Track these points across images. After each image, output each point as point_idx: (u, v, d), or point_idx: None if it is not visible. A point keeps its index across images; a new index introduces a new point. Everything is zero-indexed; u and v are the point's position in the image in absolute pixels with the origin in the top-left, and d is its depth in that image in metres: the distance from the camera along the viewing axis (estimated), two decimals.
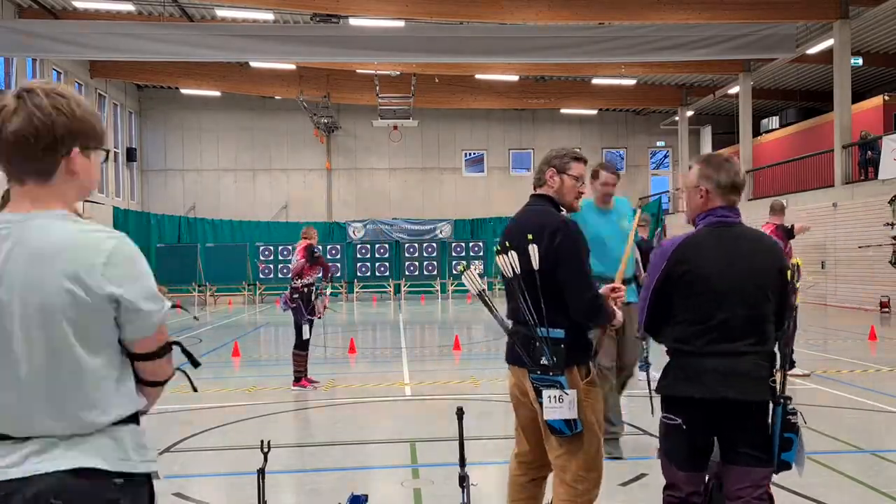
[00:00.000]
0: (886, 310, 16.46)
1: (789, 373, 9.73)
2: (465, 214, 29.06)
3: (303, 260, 8.64)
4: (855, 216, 18.12)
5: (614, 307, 3.23)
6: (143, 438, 1.81)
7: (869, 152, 18.46)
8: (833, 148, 19.46)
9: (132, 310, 1.69)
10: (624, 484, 4.70)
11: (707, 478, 3.33)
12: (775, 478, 3.02)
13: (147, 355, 1.78)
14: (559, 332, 3.05)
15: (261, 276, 25.29)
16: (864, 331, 12.36)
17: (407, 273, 26.28)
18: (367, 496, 4.18)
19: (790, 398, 2.92)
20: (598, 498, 3.18)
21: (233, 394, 8.14)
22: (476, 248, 26.27)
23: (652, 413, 3.58)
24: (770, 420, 2.91)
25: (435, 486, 4.89)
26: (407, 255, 26.42)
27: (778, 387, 2.94)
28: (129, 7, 19.31)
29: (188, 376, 2.03)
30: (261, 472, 3.52)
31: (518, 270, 3.07)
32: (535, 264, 3.04)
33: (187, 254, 24.79)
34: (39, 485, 1.63)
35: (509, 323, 3.27)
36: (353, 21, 19.09)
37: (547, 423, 3.05)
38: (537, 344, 3.05)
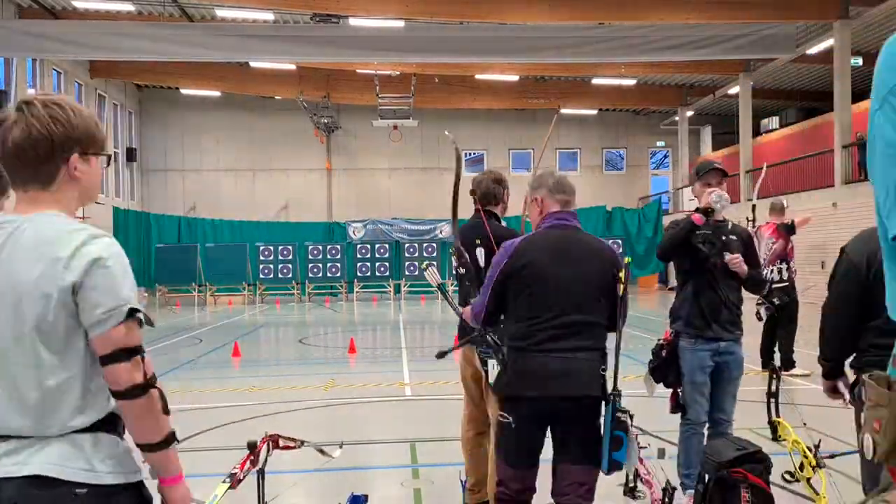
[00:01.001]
0: None
1: (790, 373, 9.61)
2: (465, 214, 28.81)
3: None
4: (855, 216, 18.10)
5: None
6: (115, 449, 1.77)
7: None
8: (833, 148, 19.46)
9: (89, 301, 1.69)
10: (622, 484, 4.69)
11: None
12: (775, 478, 3.02)
13: (105, 357, 1.72)
14: None
15: (261, 276, 25.31)
16: None
17: (407, 273, 26.26)
18: (367, 496, 4.18)
19: (620, 395, 2.95)
20: (597, 498, 3.19)
21: (232, 394, 8.13)
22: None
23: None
24: (602, 419, 2.96)
25: (435, 486, 4.89)
26: (407, 255, 26.40)
27: (610, 385, 2.99)
28: (129, 7, 19.30)
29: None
30: (261, 473, 3.52)
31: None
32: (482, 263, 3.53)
33: (187, 254, 24.78)
34: (7, 489, 1.65)
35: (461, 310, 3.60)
36: (353, 21, 19.09)
37: (489, 385, 3.65)
38: None
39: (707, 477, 3.78)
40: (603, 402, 2.97)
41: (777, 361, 8.46)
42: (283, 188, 29.60)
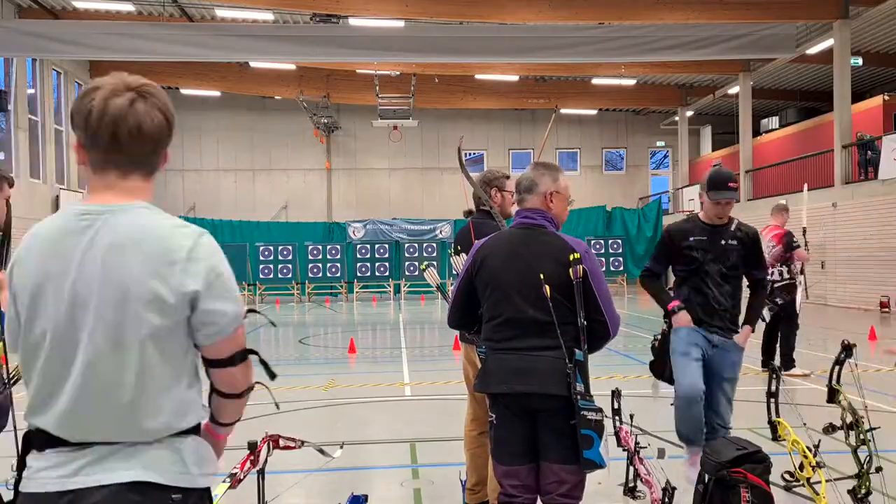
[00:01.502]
0: (886, 310, 16.47)
1: (789, 373, 9.59)
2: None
3: None
4: (855, 216, 18.12)
5: None
6: (205, 450, 1.74)
7: (868, 153, 18.46)
8: (833, 148, 19.46)
9: (209, 309, 1.64)
10: (622, 484, 4.69)
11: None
12: (775, 478, 3.01)
13: (221, 361, 1.71)
14: None
15: (261, 276, 25.32)
16: (864, 331, 12.35)
17: (407, 273, 26.25)
18: (366, 496, 4.18)
19: (583, 394, 2.91)
20: (597, 498, 3.19)
21: None
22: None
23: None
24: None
25: (435, 486, 4.89)
26: (407, 255, 26.40)
27: (577, 384, 2.92)
28: (129, 7, 19.31)
29: (269, 389, 1.94)
30: (261, 473, 3.52)
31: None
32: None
33: None
34: (95, 497, 1.57)
35: None
36: (353, 21, 19.08)
37: None
38: None
39: (707, 477, 3.78)
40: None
41: (777, 361, 8.47)
42: (282, 188, 29.60)
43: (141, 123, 1.64)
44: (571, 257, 2.96)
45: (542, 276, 2.96)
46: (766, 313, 8.07)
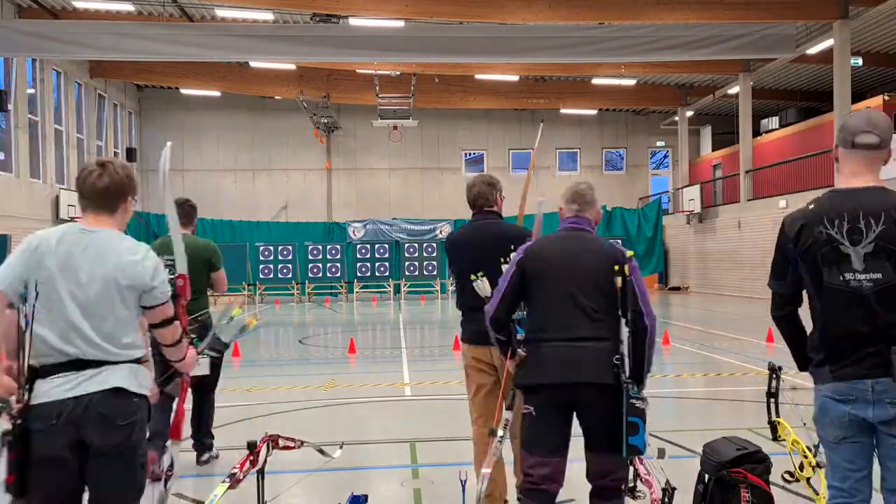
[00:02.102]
0: None
1: (790, 373, 9.58)
2: (465, 214, 28.24)
3: None
4: None
5: None
6: (146, 374, 2.89)
7: None
8: (833, 148, 19.44)
9: (156, 289, 2.86)
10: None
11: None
12: (775, 478, 3.01)
13: (157, 324, 2.93)
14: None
15: (261, 276, 25.33)
16: None
17: (407, 273, 26.26)
18: (366, 496, 4.18)
19: (632, 383, 3.11)
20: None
21: (232, 394, 8.13)
22: None
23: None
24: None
25: (435, 486, 4.89)
26: (407, 255, 26.41)
27: (625, 374, 3.14)
28: (129, 7, 19.30)
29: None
30: (261, 473, 3.52)
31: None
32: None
33: None
34: (89, 400, 2.69)
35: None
36: (353, 21, 19.08)
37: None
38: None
39: (707, 477, 3.78)
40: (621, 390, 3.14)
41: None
42: (283, 188, 29.60)
43: (103, 185, 2.87)
44: (616, 267, 3.25)
45: (592, 272, 3.29)
46: None
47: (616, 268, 3.25)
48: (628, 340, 3.20)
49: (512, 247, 3.70)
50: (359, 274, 26.23)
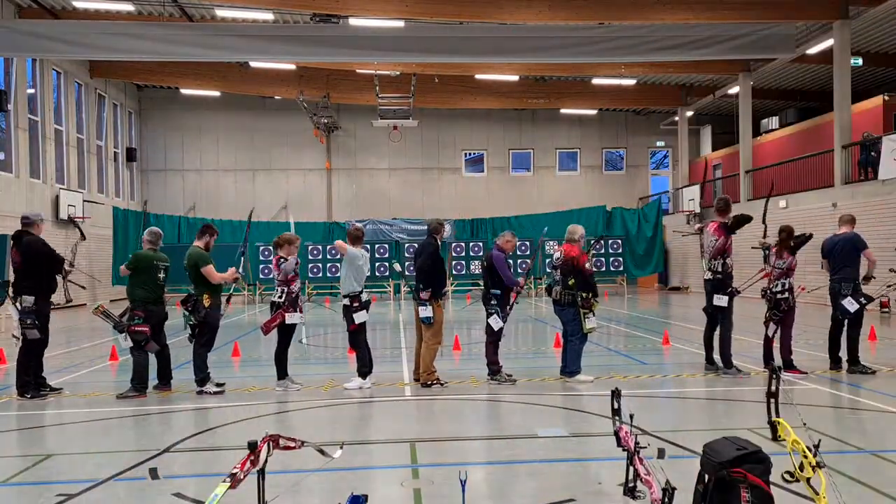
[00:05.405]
0: (886, 310, 16.46)
1: (789, 372, 9.58)
2: (465, 214, 29.03)
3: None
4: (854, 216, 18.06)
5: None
6: None
7: (872, 153, 18.45)
8: (833, 148, 19.45)
9: None
10: (622, 484, 4.69)
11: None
12: (775, 478, 3.01)
13: None
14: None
15: (261, 276, 25.30)
16: (864, 331, 12.32)
17: (407, 273, 26.23)
18: (366, 496, 4.17)
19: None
20: (597, 497, 3.18)
21: (232, 394, 8.13)
22: (476, 248, 26.21)
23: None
24: None
25: (435, 486, 4.89)
26: (407, 255, 26.40)
27: None
28: (129, 7, 19.31)
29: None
30: (261, 473, 3.52)
31: None
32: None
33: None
34: None
35: None
36: (353, 21, 19.09)
37: (420, 319, 8.46)
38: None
39: (707, 477, 3.78)
40: None
41: (777, 361, 8.48)
42: (283, 188, 29.62)
43: None
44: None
45: None
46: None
47: None
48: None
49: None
50: None
